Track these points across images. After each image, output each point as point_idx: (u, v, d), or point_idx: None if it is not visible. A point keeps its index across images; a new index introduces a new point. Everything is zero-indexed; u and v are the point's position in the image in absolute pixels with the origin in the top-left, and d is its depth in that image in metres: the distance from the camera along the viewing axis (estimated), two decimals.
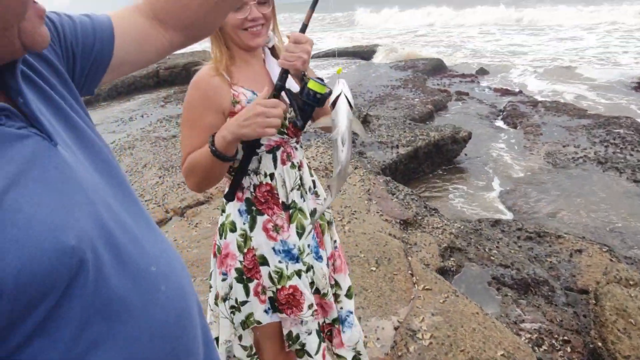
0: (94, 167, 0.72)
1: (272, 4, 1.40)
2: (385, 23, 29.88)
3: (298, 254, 1.47)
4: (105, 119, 8.92)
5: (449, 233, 3.58)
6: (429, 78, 11.13)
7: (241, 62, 1.44)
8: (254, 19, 1.34)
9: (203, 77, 1.38)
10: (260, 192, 1.44)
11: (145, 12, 0.89)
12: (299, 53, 1.28)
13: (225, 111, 1.39)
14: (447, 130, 5.93)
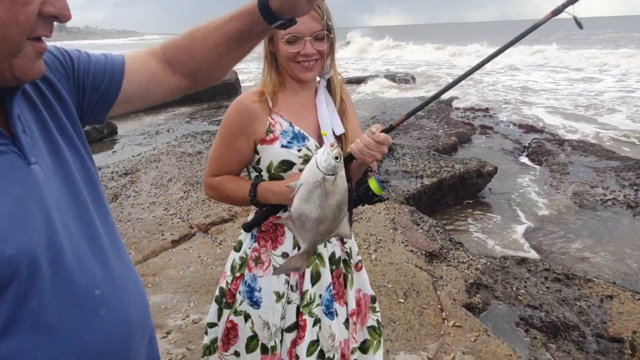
0: (68, 190, 0.77)
1: (331, 40, 1.38)
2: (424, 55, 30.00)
3: (259, 299, 1.41)
4: (132, 132, 9.10)
5: (474, 268, 3.51)
6: (454, 110, 11.14)
7: (290, 91, 1.43)
8: (307, 54, 1.33)
9: (244, 102, 1.39)
10: (267, 220, 1.42)
11: (159, 56, 0.99)
12: (376, 152, 1.26)
13: (257, 138, 1.39)
14: (473, 164, 5.89)
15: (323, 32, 1.32)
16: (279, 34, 1.31)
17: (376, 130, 1.26)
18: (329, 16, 1.33)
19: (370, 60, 28.77)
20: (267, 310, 1.40)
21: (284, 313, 1.40)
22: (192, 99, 12.05)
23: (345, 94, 1.52)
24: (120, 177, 5.66)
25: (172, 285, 3.06)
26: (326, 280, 1.42)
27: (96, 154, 7.62)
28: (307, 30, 1.30)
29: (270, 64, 1.41)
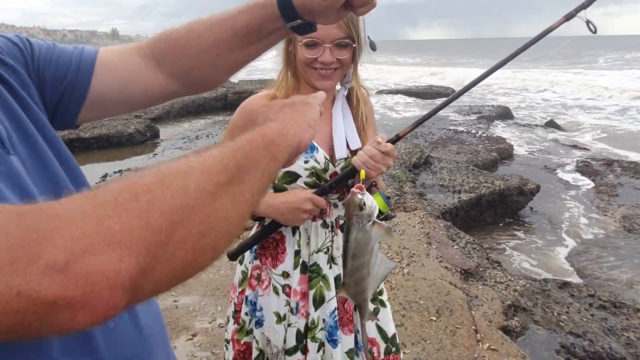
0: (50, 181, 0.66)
1: (355, 51, 1.27)
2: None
3: (261, 318, 1.35)
4: (173, 135, 9.35)
5: (513, 290, 3.35)
6: (494, 125, 10.85)
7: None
8: (324, 62, 1.23)
9: (251, 105, 1.32)
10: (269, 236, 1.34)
11: (144, 50, 0.84)
12: (381, 165, 1.18)
13: None
14: (514, 181, 5.68)
15: (346, 41, 1.22)
16: (298, 37, 1.22)
17: (382, 140, 1.18)
18: (356, 25, 1.23)
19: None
20: (269, 329, 1.35)
21: (285, 336, 1.33)
22: (232, 106, 12.29)
23: (367, 108, 1.42)
24: None
25: (201, 288, 3.06)
26: (331, 305, 1.33)
27: (139, 155, 7.86)
28: (327, 37, 1.20)
29: (287, 65, 1.32)
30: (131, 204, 0.41)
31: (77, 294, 0.36)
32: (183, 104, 11.69)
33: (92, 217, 0.39)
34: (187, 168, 0.48)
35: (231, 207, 0.50)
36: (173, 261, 0.44)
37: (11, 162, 0.58)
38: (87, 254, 0.37)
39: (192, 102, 11.89)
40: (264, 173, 0.56)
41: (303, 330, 1.32)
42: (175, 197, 0.44)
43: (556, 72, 24.04)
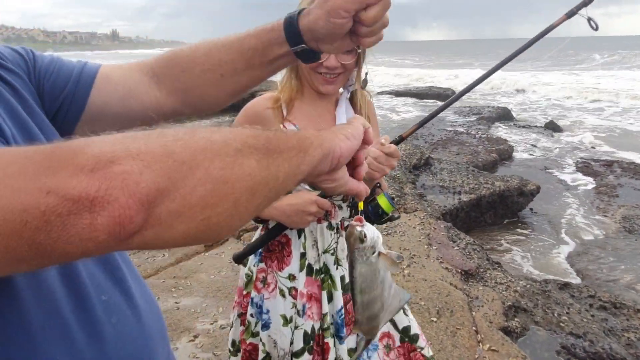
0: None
1: (359, 56, 1.28)
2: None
3: (268, 321, 1.35)
4: None
5: (513, 291, 3.35)
6: (494, 126, 10.86)
7: (307, 99, 1.35)
8: (329, 67, 1.24)
9: (254, 107, 1.32)
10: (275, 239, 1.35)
11: (146, 68, 0.85)
12: (385, 167, 1.18)
13: None
14: (514, 182, 5.68)
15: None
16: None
17: (385, 141, 1.18)
18: None
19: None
20: (275, 332, 1.35)
21: (292, 338, 1.33)
22: (235, 107, 12.26)
23: (371, 110, 1.43)
24: None
25: (202, 289, 3.07)
26: (338, 303, 1.34)
27: None
28: None
29: (291, 68, 1.32)
30: (159, 139, 0.45)
31: (99, 194, 0.40)
32: None
33: (121, 142, 0.43)
34: (216, 128, 0.51)
35: (256, 166, 0.51)
36: (192, 195, 0.45)
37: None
38: (112, 163, 0.41)
39: None
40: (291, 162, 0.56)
41: (310, 332, 1.33)
42: (199, 142, 0.47)
43: (541, 73, 24.03)
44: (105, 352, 0.63)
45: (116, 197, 0.40)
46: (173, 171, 0.44)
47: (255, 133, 0.54)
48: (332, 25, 0.73)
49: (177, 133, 0.47)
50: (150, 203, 0.42)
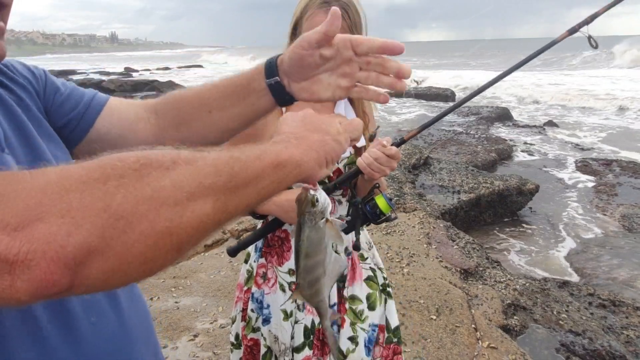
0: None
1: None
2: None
3: (269, 316, 1.36)
4: None
5: (512, 289, 3.36)
6: (493, 126, 10.88)
7: None
8: None
9: None
10: (274, 234, 1.36)
11: (148, 105, 0.89)
12: (386, 167, 1.19)
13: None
14: (513, 181, 5.69)
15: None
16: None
17: (387, 143, 1.19)
18: (359, 29, 1.26)
19: None
20: (276, 327, 1.35)
21: (292, 332, 1.34)
22: None
23: (369, 108, 1.45)
24: None
25: (202, 289, 3.08)
26: (332, 297, 1.35)
27: None
28: None
29: None
30: (98, 185, 0.41)
31: (19, 258, 0.37)
32: None
33: (54, 189, 0.39)
34: (171, 162, 0.46)
35: (210, 212, 0.47)
36: (129, 253, 0.41)
37: (5, 160, 0.60)
38: (38, 222, 0.38)
39: None
40: (260, 192, 0.53)
41: (310, 326, 1.34)
42: (145, 188, 0.43)
43: (540, 73, 24.06)
44: (81, 351, 0.63)
45: (37, 262, 0.37)
46: (108, 228, 0.40)
47: (217, 168, 0.48)
48: (295, 55, 0.74)
49: (124, 172, 0.42)
50: (78, 265, 0.39)
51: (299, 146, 0.59)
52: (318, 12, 1.23)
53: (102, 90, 4.09)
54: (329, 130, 0.65)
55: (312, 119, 0.66)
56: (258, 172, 0.53)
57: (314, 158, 0.60)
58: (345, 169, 1.36)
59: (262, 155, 0.54)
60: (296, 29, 1.29)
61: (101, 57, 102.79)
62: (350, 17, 1.22)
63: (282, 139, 0.61)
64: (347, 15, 1.22)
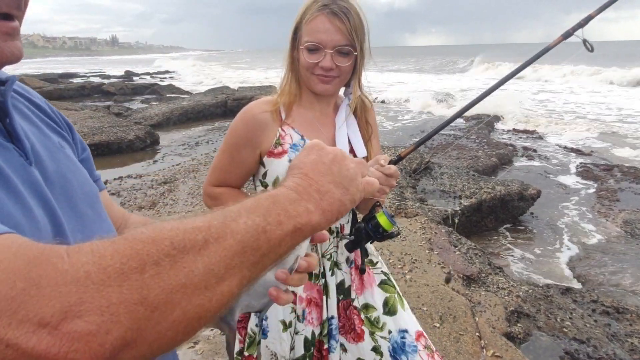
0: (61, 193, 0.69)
1: (357, 60, 1.27)
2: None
3: (266, 328, 1.32)
4: (173, 142, 9.35)
5: (515, 295, 3.33)
6: (494, 131, 10.87)
7: (306, 103, 1.34)
8: (324, 67, 1.23)
9: (252, 110, 1.31)
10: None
11: (125, 217, 0.93)
12: (385, 186, 1.17)
13: (264, 150, 1.29)
14: (515, 186, 5.67)
15: (347, 48, 1.23)
16: (302, 39, 1.25)
17: (384, 162, 1.17)
18: (360, 34, 1.24)
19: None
20: (274, 340, 1.31)
21: (292, 344, 1.30)
22: (232, 112, 12.30)
23: (371, 117, 1.42)
24: (159, 186, 5.79)
25: None
26: (331, 310, 1.32)
27: (138, 162, 7.86)
28: (329, 42, 1.21)
29: (291, 70, 1.32)
30: (135, 275, 0.41)
31: (60, 356, 0.38)
32: (183, 111, 11.70)
33: (93, 282, 0.40)
34: (203, 242, 0.46)
35: (236, 290, 0.48)
36: (161, 340, 0.43)
37: (33, 173, 0.62)
38: (78, 319, 0.38)
39: (191, 109, 11.90)
40: (277, 258, 0.53)
41: (310, 338, 1.30)
42: (179, 275, 0.43)
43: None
44: None
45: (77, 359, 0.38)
46: (144, 320, 0.41)
47: (244, 245, 0.48)
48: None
49: (159, 259, 0.43)
50: (114, 356, 0.40)
51: (319, 205, 0.57)
52: (317, 15, 1.21)
53: (102, 94, 4.10)
54: (349, 187, 0.62)
55: (341, 167, 0.62)
56: (280, 240, 0.52)
57: (329, 220, 0.59)
58: None
59: (284, 221, 0.53)
60: (297, 32, 1.28)
61: (103, 60, 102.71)
62: (350, 21, 1.20)
63: (304, 188, 0.58)
64: (346, 19, 1.20)
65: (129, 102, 16.12)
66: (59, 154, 0.72)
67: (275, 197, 0.55)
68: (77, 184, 0.72)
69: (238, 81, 24.06)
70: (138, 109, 12.74)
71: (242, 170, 1.33)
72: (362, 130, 1.36)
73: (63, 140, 0.78)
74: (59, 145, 0.74)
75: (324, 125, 1.34)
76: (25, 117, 0.72)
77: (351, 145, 1.33)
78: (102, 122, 9.40)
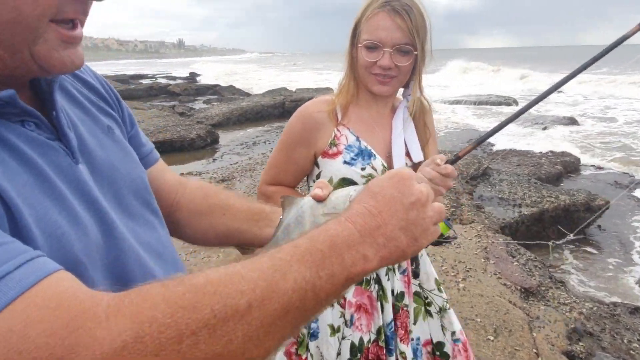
0: (108, 187, 0.69)
1: (418, 60, 1.24)
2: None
3: (316, 330, 1.32)
4: (232, 141, 9.66)
5: (578, 312, 3.15)
6: (560, 136, 10.30)
7: (363, 103, 1.33)
8: (383, 66, 1.20)
9: (308, 109, 1.31)
10: None
11: (182, 182, 0.94)
12: (441, 187, 1.13)
13: (319, 151, 1.29)
14: (581, 196, 5.36)
15: (407, 47, 1.20)
16: (360, 38, 1.24)
17: (440, 161, 1.13)
18: (421, 33, 1.21)
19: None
20: (322, 342, 1.31)
21: (339, 349, 1.30)
22: (289, 113, 12.48)
23: (430, 120, 1.39)
24: (218, 183, 6.01)
25: None
26: (388, 315, 1.31)
27: (199, 160, 8.20)
28: (388, 40, 1.18)
29: (350, 70, 1.31)
30: (172, 346, 0.41)
31: None
32: (242, 111, 12.06)
33: (130, 353, 0.40)
34: (247, 306, 0.44)
35: (274, 350, 0.47)
36: None
37: (79, 172, 0.61)
38: None
39: (250, 110, 12.24)
40: (322, 308, 0.51)
41: (358, 344, 1.30)
42: (218, 346, 0.42)
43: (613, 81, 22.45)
44: None
45: None
46: None
47: (290, 307, 0.46)
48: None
49: (198, 329, 0.42)
50: None
51: (379, 252, 0.53)
52: (378, 12, 1.19)
53: (168, 94, 4.33)
54: (419, 238, 0.56)
55: (419, 214, 0.56)
56: (327, 295, 0.50)
57: (383, 266, 0.55)
58: None
59: (337, 273, 0.50)
60: (356, 30, 1.27)
61: (172, 62, 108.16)
62: (411, 19, 1.18)
63: (370, 230, 0.53)
64: (408, 17, 1.17)
65: (192, 102, 16.83)
66: (107, 140, 0.71)
67: (333, 239, 0.51)
68: (125, 172, 0.71)
69: (287, 80, 24.41)
70: (200, 109, 13.28)
71: (297, 170, 1.34)
72: (420, 133, 1.34)
73: (112, 121, 0.77)
74: (108, 129, 0.73)
75: (381, 127, 1.33)
76: (73, 99, 0.70)
77: (407, 149, 1.32)
78: (167, 121, 9.89)
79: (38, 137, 0.57)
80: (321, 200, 0.69)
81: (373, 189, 0.57)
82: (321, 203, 0.69)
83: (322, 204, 0.68)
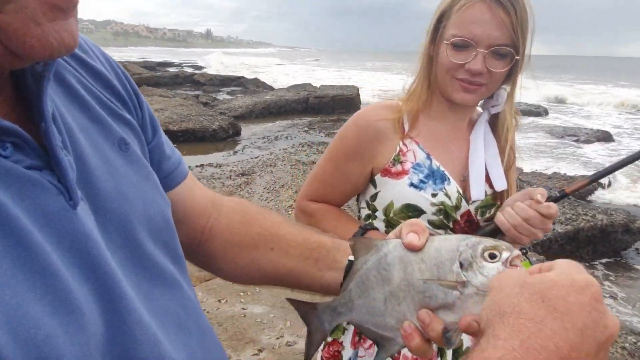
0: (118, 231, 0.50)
1: (516, 66, 1.01)
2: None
3: None
4: (254, 135, 9.54)
5: (620, 347, 2.88)
6: (593, 150, 9.89)
7: (437, 112, 1.08)
8: (472, 70, 0.97)
9: (367, 116, 1.07)
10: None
11: (216, 202, 0.75)
12: (538, 231, 0.93)
13: (378, 167, 1.05)
14: (619, 216, 5.03)
15: (507, 49, 0.96)
16: (446, 33, 1.00)
17: (542, 197, 0.91)
18: (525, 32, 0.97)
19: None
20: None
21: None
22: (312, 109, 12.35)
23: (511, 136, 1.14)
24: (237, 177, 5.86)
25: (271, 298, 2.95)
26: None
27: (220, 151, 8.09)
28: (485, 38, 0.95)
29: (425, 72, 1.06)
30: None
31: None
32: (265, 105, 11.94)
33: None
34: None
35: None
36: None
37: (77, 221, 0.42)
38: None
39: (274, 104, 12.11)
40: None
41: None
42: None
43: None
44: None
45: None
46: None
47: None
48: None
49: None
50: None
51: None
52: (475, 2, 0.95)
53: (193, 84, 4.10)
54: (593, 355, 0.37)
55: (606, 354, 0.39)
56: None
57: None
58: (478, 213, 1.09)
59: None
60: (441, 21, 1.02)
61: (197, 52, 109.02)
62: (517, 14, 0.95)
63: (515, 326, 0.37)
64: (513, 11, 0.94)
65: (216, 92, 16.80)
66: (119, 161, 0.52)
67: None
68: (142, 208, 0.52)
69: (321, 79, 24.24)
70: (224, 100, 13.21)
71: (347, 187, 1.11)
72: (503, 155, 1.09)
73: (129, 129, 0.57)
74: (121, 144, 0.53)
75: (456, 144, 1.10)
76: (74, 98, 0.50)
77: (487, 173, 1.08)
78: (190, 110, 9.81)
79: (14, 169, 0.38)
80: (416, 250, 0.49)
81: (549, 297, 0.38)
82: (416, 255, 0.49)
83: (417, 257, 0.49)
